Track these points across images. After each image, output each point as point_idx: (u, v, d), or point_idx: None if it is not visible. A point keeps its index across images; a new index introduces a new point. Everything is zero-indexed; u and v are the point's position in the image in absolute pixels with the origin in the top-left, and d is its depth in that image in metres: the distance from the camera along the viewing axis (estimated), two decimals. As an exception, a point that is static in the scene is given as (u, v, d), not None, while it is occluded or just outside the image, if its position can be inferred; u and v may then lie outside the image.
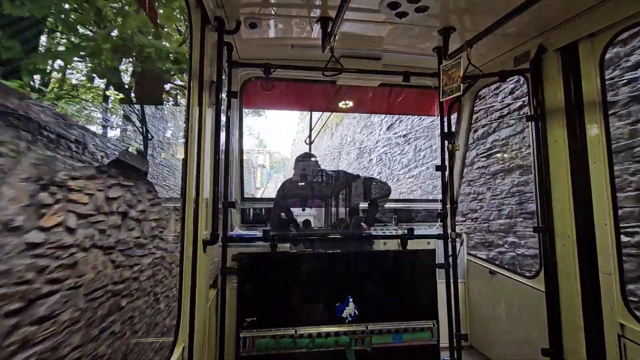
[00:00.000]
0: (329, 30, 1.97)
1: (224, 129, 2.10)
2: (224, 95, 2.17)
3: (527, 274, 2.43)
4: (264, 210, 3.22)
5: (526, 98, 4.53)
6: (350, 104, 3.48)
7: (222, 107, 2.12)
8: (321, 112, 3.48)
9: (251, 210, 3.25)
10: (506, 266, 2.72)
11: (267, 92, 2.71)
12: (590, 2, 1.81)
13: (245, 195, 3.06)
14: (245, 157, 3.06)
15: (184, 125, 1.68)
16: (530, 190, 4.90)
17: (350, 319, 2.17)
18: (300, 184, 2.82)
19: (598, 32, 1.88)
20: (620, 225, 1.87)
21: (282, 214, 2.78)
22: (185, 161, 1.61)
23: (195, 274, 1.62)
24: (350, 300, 2.19)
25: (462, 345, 2.25)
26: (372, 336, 2.15)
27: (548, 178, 2.16)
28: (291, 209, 2.86)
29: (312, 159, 2.85)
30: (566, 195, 2.05)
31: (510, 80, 5.42)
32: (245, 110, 3.16)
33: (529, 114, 2.28)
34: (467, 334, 2.86)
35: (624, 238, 3.43)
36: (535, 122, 2.23)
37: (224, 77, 2.23)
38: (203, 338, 1.85)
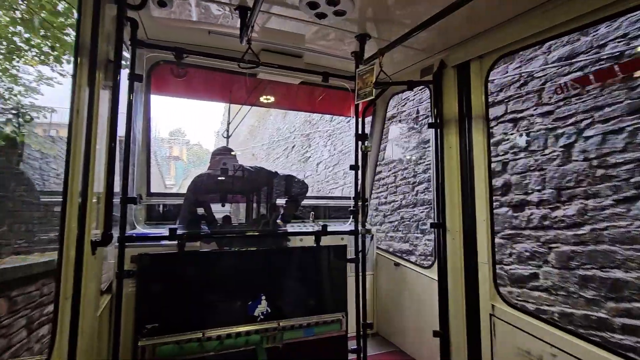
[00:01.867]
0: (247, 20, 1.90)
1: (124, 115, 1.87)
2: (125, 77, 1.94)
3: (425, 265, 2.72)
4: (176, 207, 2.98)
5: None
6: (272, 99, 3.44)
7: (125, 91, 1.88)
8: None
9: (161, 206, 2.98)
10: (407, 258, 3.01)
11: (179, 78, 2.50)
12: (478, 29, 2.09)
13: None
14: (153, 146, 2.78)
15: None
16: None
17: (262, 317, 2.15)
18: (218, 178, 2.68)
19: (484, 55, 2.19)
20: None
21: (201, 210, 2.61)
22: (68, 149, 1.38)
23: (80, 280, 1.41)
24: (263, 298, 2.16)
25: (367, 334, 2.41)
26: (283, 332, 2.16)
27: (443, 179, 2.44)
28: (209, 204, 2.70)
29: (232, 152, 2.74)
30: (456, 195, 2.35)
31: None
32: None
33: (431, 121, 2.54)
34: (372, 323, 3.08)
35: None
36: (435, 129, 2.49)
37: (126, 57, 1.99)
38: (90, 351, 1.63)
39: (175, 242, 2.10)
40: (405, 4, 1.87)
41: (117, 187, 1.75)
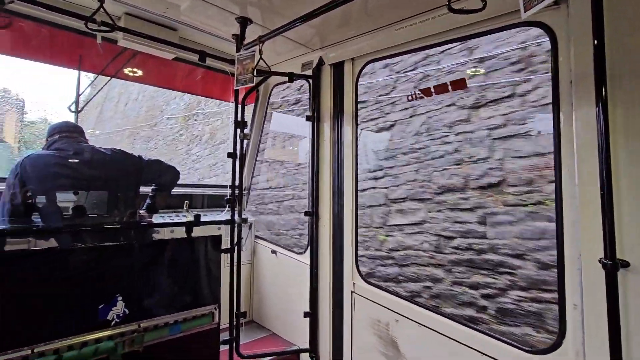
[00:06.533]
0: None
1: None
2: None
3: (298, 251, 2.86)
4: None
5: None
6: (140, 72, 3.01)
7: None
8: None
9: None
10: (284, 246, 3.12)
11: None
12: (351, 34, 2.28)
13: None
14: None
15: None
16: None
17: (117, 320, 1.88)
18: (69, 160, 2.18)
19: (356, 58, 2.40)
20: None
21: (44, 199, 2.06)
22: None
23: None
24: (120, 299, 1.90)
25: (241, 323, 2.40)
26: (144, 334, 1.95)
27: (318, 170, 2.59)
28: (54, 192, 2.17)
29: (75, 132, 2.23)
30: (328, 185, 2.53)
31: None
32: None
33: (308, 114, 2.66)
34: (246, 312, 3.10)
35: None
36: (312, 122, 2.61)
37: None
38: None
39: None
40: None
41: None
